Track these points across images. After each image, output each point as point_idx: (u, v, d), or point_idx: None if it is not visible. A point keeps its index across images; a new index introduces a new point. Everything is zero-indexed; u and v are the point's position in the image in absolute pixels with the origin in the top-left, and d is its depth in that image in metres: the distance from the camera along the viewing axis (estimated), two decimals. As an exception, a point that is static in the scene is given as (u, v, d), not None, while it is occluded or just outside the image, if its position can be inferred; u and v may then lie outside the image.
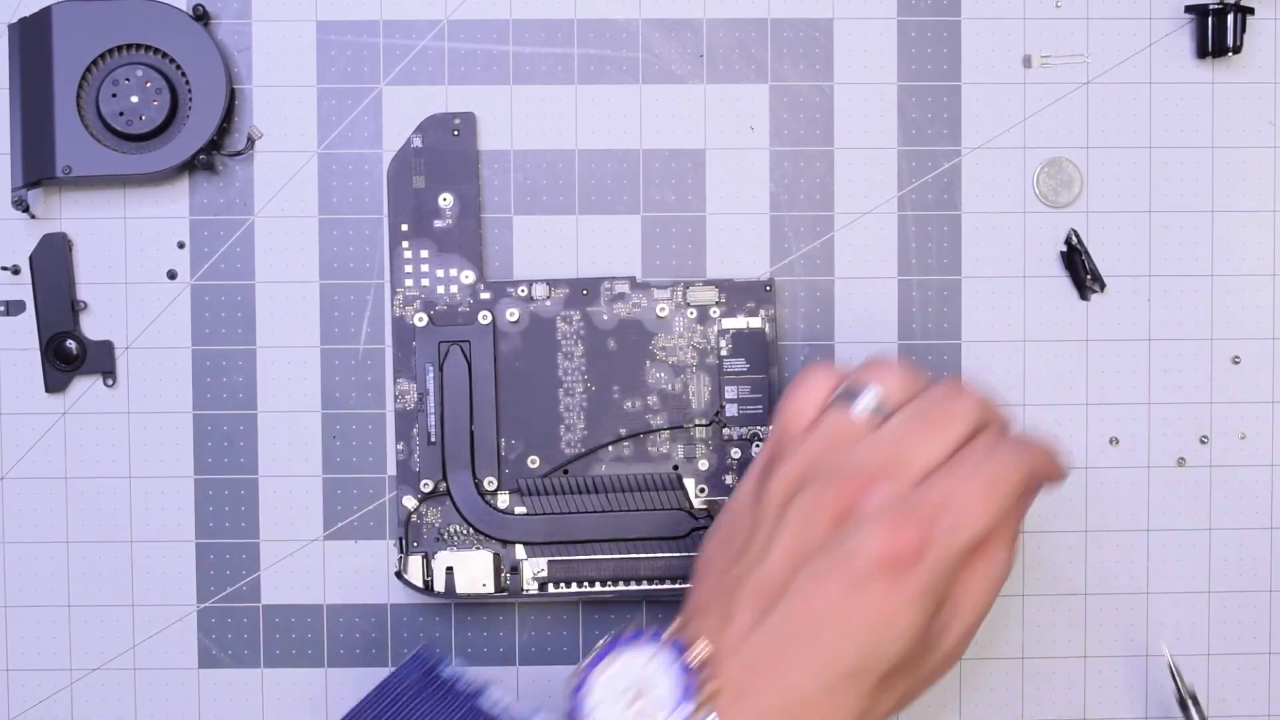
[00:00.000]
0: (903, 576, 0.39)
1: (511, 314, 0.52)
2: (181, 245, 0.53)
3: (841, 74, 0.54)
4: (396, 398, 0.52)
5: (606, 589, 0.52)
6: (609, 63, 0.54)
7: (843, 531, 0.40)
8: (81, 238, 0.53)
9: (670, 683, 0.39)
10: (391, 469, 0.53)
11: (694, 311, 0.53)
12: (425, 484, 0.52)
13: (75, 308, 0.53)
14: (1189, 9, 0.54)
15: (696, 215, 0.54)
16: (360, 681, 0.53)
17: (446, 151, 0.53)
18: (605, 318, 0.53)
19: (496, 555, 0.52)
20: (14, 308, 0.53)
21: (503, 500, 0.52)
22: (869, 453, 0.41)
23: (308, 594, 0.53)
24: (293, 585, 0.53)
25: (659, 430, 0.52)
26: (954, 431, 0.41)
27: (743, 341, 0.53)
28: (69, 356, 0.53)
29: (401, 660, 0.50)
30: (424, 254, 0.53)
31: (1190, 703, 0.50)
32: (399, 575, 0.52)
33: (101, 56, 0.51)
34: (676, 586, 0.51)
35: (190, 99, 0.52)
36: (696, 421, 0.52)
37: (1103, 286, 0.54)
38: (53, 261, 0.53)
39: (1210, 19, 0.53)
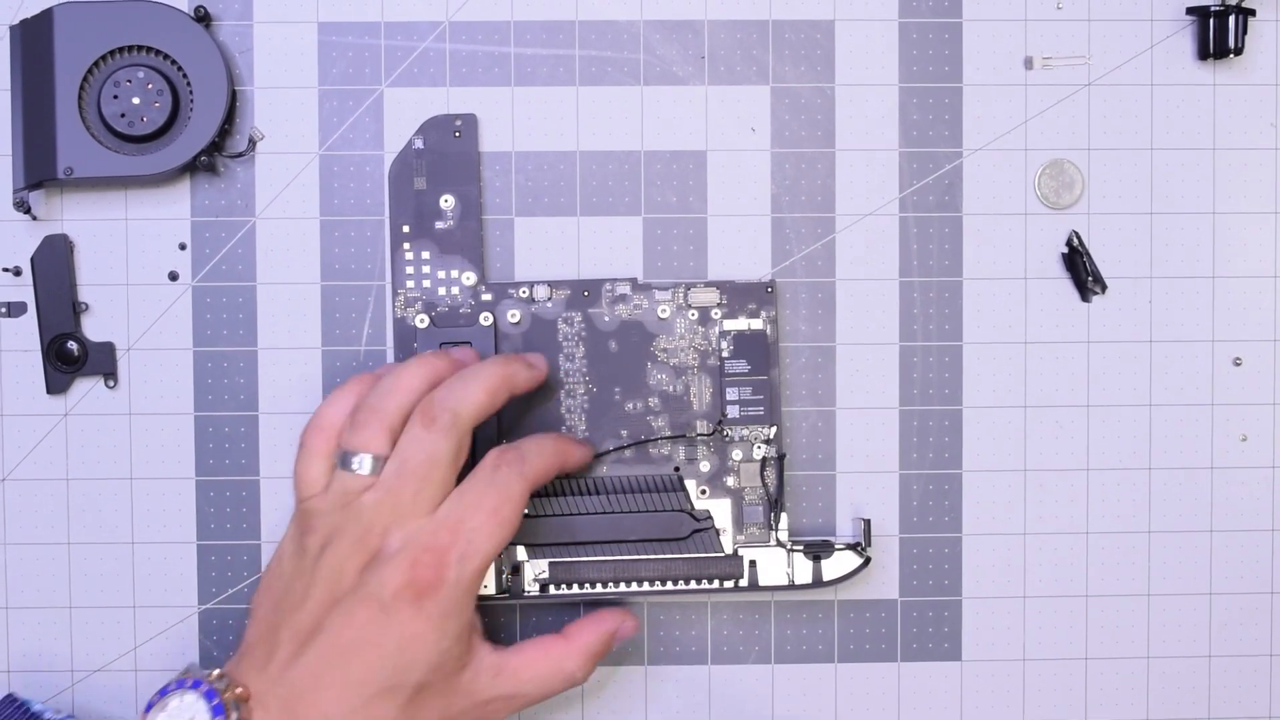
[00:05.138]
0: (425, 603, 0.45)
1: (513, 315, 0.52)
2: (183, 247, 0.53)
3: (843, 75, 0.54)
4: (398, 399, 0.52)
5: (608, 590, 0.52)
6: (610, 64, 0.54)
7: (368, 573, 0.45)
8: (83, 239, 0.53)
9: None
10: (393, 470, 0.53)
11: (695, 313, 0.53)
12: (426, 485, 0.52)
13: (76, 309, 0.53)
14: (1190, 11, 0.54)
15: (698, 217, 0.54)
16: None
17: (448, 153, 0.53)
18: (607, 319, 0.53)
19: (498, 556, 0.52)
20: (15, 309, 0.53)
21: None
22: (378, 505, 0.46)
23: (309, 595, 0.53)
24: (294, 587, 0.53)
25: (660, 438, 0.52)
26: (442, 468, 0.46)
27: (744, 343, 0.53)
28: (70, 358, 0.53)
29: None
30: (425, 255, 0.53)
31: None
32: (400, 577, 0.52)
33: (103, 58, 0.51)
34: (678, 588, 0.51)
35: (192, 100, 0.52)
36: (700, 434, 0.52)
37: (1104, 288, 0.54)
38: (54, 263, 0.53)
39: (1211, 21, 0.53)
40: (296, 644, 0.46)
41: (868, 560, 0.52)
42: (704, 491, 0.52)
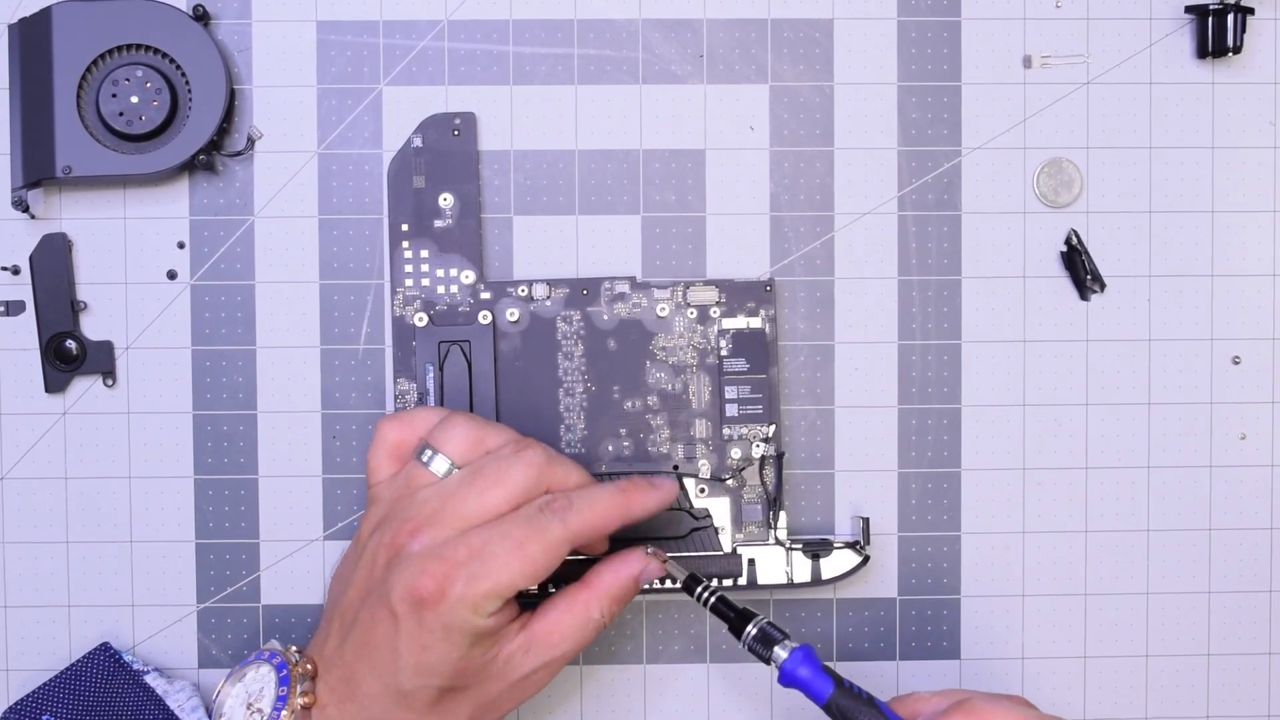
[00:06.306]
0: (424, 614, 0.44)
1: (512, 314, 0.52)
2: (181, 245, 0.53)
3: (841, 74, 0.54)
4: (396, 398, 0.52)
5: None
6: (609, 63, 0.54)
7: (388, 570, 0.46)
8: (81, 238, 0.53)
9: (273, 692, 0.47)
10: (391, 469, 0.53)
11: (694, 311, 0.53)
12: (425, 484, 0.52)
13: (75, 308, 0.53)
14: (1189, 9, 0.54)
15: (696, 215, 0.54)
16: (360, 681, 0.53)
17: (447, 151, 0.53)
18: (605, 318, 0.53)
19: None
20: (14, 308, 0.53)
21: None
22: (425, 502, 0.46)
23: (308, 594, 0.53)
24: (293, 585, 0.53)
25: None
26: (504, 490, 0.46)
27: (743, 341, 0.53)
28: (69, 356, 0.53)
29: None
30: (424, 254, 0.53)
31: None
32: (399, 575, 0.52)
33: (101, 57, 0.51)
34: (676, 587, 0.51)
35: (190, 99, 0.52)
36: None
37: (1103, 287, 0.54)
38: (53, 261, 0.53)
39: (1210, 19, 0.53)
40: (341, 633, 0.47)
41: (866, 559, 0.52)
42: (703, 490, 0.52)
